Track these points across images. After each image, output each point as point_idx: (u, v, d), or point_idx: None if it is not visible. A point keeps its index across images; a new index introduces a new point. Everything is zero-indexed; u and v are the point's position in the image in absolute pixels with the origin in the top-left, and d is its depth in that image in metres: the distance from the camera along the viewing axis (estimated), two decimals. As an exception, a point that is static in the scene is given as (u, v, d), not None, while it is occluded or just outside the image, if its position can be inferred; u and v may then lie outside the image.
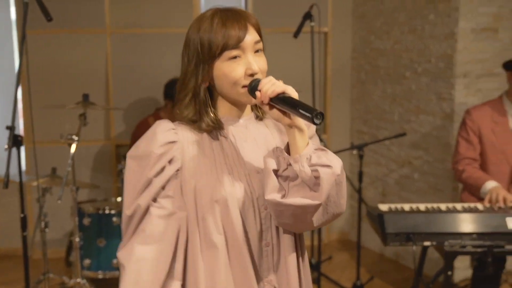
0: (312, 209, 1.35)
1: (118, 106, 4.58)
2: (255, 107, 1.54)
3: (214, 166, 1.44)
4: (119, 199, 3.81)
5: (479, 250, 2.67)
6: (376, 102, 4.78)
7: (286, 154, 1.37)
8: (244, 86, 1.41)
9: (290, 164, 1.36)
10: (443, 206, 2.91)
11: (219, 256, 1.42)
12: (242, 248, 1.42)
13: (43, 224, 3.35)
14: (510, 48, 4.08)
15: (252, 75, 1.41)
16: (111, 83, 4.59)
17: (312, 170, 1.34)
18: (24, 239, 2.70)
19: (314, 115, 1.27)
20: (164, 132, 1.44)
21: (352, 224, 5.15)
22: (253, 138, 1.50)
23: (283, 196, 1.37)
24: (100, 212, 3.57)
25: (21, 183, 2.70)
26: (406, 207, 2.90)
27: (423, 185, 4.33)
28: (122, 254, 1.43)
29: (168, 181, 1.42)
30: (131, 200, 1.44)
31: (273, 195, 1.37)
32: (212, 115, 1.47)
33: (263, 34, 1.49)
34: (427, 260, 3.79)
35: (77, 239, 3.32)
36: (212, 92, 1.49)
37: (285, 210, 1.37)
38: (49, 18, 2.91)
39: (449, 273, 2.72)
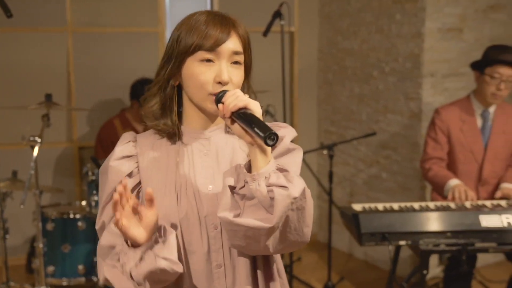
0: (264, 232, 1.25)
1: (81, 107, 4.44)
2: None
3: (163, 182, 1.37)
4: (83, 202, 3.68)
5: (453, 248, 2.67)
6: (344, 102, 4.78)
7: (245, 171, 1.28)
8: (211, 94, 1.33)
9: (247, 182, 1.27)
10: (416, 205, 2.91)
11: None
12: (182, 272, 1.34)
13: (2, 230, 3.20)
14: (475, 48, 4.13)
15: (220, 83, 1.33)
16: (73, 83, 4.45)
17: (268, 190, 1.23)
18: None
19: (267, 135, 1.19)
20: (122, 145, 1.42)
21: (320, 225, 5.13)
22: (215, 151, 1.42)
23: (237, 216, 1.26)
24: (65, 216, 3.44)
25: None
26: (380, 206, 2.88)
27: (392, 185, 4.35)
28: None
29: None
30: (99, 214, 1.42)
31: (225, 213, 1.27)
32: (174, 116, 1.40)
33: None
34: (400, 259, 3.80)
35: (40, 245, 3.17)
36: (181, 94, 1.42)
37: (237, 231, 1.27)
38: (9, 14, 2.78)
39: (425, 272, 2.71)
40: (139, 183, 1.39)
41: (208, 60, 1.33)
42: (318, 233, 5.17)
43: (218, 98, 1.31)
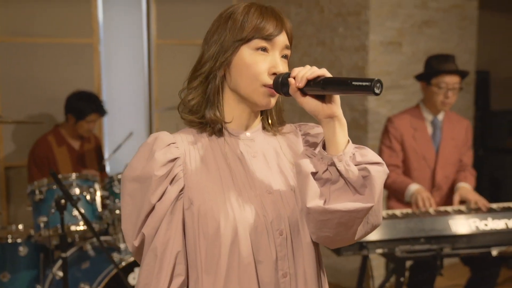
0: (363, 213, 1.19)
1: (6, 124, 4.07)
2: (265, 119, 1.37)
3: (220, 186, 1.25)
4: (20, 226, 3.33)
5: (428, 254, 2.69)
6: (286, 115, 4.74)
7: (326, 153, 1.20)
8: (265, 85, 1.25)
9: (331, 165, 1.19)
10: (383, 213, 2.90)
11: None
12: (251, 282, 1.23)
13: None
14: (412, 61, 4.27)
15: (275, 75, 1.25)
16: (0, 97, 4.08)
17: (359, 169, 1.18)
18: None
19: (374, 83, 1.10)
20: (162, 148, 1.25)
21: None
22: (262, 153, 1.33)
23: (325, 203, 1.20)
24: (3, 241, 3.09)
25: None
26: (349, 216, 2.84)
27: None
28: None
29: (171, 205, 1.23)
30: (135, 229, 1.26)
31: (316, 202, 1.19)
32: (221, 108, 1.29)
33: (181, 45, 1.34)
34: (347, 271, 3.80)
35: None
36: (223, 89, 1.31)
37: (330, 219, 1.20)
38: None
39: (402, 279, 2.70)
40: (183, 188, 1.25)
41: (263, 49, 1.26)
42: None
43: (281, 81, 1.22)
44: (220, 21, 1.29)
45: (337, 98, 1.19)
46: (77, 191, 2.94)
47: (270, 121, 1.37)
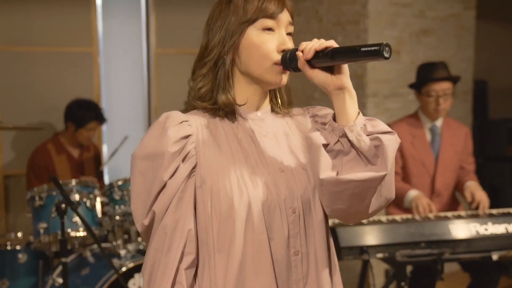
0: (377, 183, 1.19)
1: (5, 132, 4.08)
2: (274, 102, 1.38)
3: (232, 164, 1.25)
4: (19, 233, 3.32)
5: (429, 258, 2.68)
6: None
7: (337, 125, 1.21)
8: (275, 63, 1.26)
9: (342, 136, 1.20)
10: (383, 218, 2.91)
11: (233, 266, 1.22)
12: (265, 258, 1.23)
13: None
14: (411, 70, 4.28)
15: (284, 52, 1.26)
16: (-2, 106, 4.09)
17: (370, 139, 1.18)
18: None
19: (382, 47, 1.11)
20: (175, 125, 1.25)
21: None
22: (272, 133, 1.33)
23: (338, 174, 1.20)
24: (2, 248, 3.08)
25: None
26: (349, 221, 2.84)
27: (337, 205, 4.35)
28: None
29: (183, 182, 1.22)
30: (145, 207, 1.24)
31: (329, 173, 1.19)
32: (232, 93, 1.29)
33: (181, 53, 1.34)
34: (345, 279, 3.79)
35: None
36: (233, 72, 1.31)
37: (344, 190, 1.20)
38: None
39: (403, 283, 2.69)
40: (195, 166, 1.24)
41: (269, 29, 1.27)
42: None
43: (290, 56, 1.24)
44: (221, 6, 1.30)
45: (346, 69, 1.20)
46: (77, 197, 2.94)
47: (280, 102, 1.37)
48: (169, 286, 1.20)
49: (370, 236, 2.68)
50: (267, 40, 1.26)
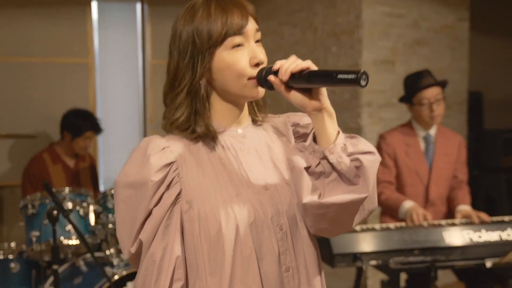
0: (358, 204, 1.20)
1: (1, 142, 4.08)
2: (252, 111, 1.36)
3: (218, 186, 1.24)
4: (13, 243, 3.30)
5: (422, 265, 2.67)
6: (270, 109, 4.76)
7: (317, 147, 1.21)
8: (250, 78, 1.24)
9: (322, 158, 1.20)
10: (376, 226, 2.90)
11: None
12: (253, 279, 1.22)
13: None
14: (406, 80, 4.31)
15: (257, 65, 1.24)
16: (-6, 117, 4.10)
17: (351, 160, 1.18)
18: None
19: (360, 75, 1.10)
20: (157, 152, 1.23)
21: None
22: (254, 148, 1.32)
23: (320, 196, 1.21)
24: (-6, 258, 3.06)
25: None
26: (343, 229, 2.84)
27: (333, 215, 4.34)
28: None
29: (168, 209, 1.22)
30: (131, 235, 1.23)
31: (311, 197, 1.20)
32: (208, 119, 1.27)
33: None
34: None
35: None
36: (208, 95, 1.29)
37: (327, 212, 1.21)
38: None
39: (396, 291, 2.68)
40: (180, 192, 1.23)
41: (239, 45, 1.24)
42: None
43: (265, 74, 1.22)
44: (184, 26, 1.26)
45: (323, 89, 1.20)
46: (70, 205, 2.93)
47: (256, 108, 1.36)
48: None
49: (364, 243, 2.68)
50: (238, 58, 1.23)
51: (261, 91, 1.27)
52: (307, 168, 1.22)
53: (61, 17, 4.26)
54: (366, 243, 2.68)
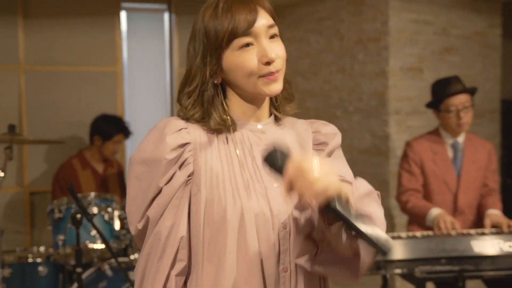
0: (346, 279, 1.24)
1: (33, 150, 4.16)
2: (275, 110, 1.35)
3: (228, 176, 1.24)
4: (42, 248, 3.37)
5: (450, 275, 2.61)
6: None
7: (323, 225, 1.19)
8: (261, 76, 1.23)
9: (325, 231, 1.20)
10: (402, 234, 2.85)
11: (225, 277, 1.21)
12: (256, 271, 1.21)
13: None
14: (434, 88, 4.24)
15: (268, 63, 1.23)
16: (26, 124, 4.18)
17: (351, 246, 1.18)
18: None
19: (383, 250, 1.06)
20: (174, 132, 1.24)
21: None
22: None
23: (315, 255, 1.25)
24: (23, 261, 3.12)
25: None
26: (367, 236, 2.80)
27: (360, 224, 4.29)
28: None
29: (178, 189, 1.23)
30: (140, 211, 1.24)
31: (303, 262, 1.23)
32: (223, 113, 1.27)
33: None
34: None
35: (-1, 292, 2.85)
36: (225, 90, 1.30)
37: (317, 273, 1.27)
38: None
39: (422, 300, 2.63)
40: (192, 173, 1.24)
41: (247, 45, 1.23)
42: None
43: (272, 161, 1.15)
44: (196, 29, 1.27)
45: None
46: (95, 210, 2.97)
47: (279, 109, 1.34)
48: None
49: (388, 251, 2.63)
50: (247, 58, 1.23)
51: (275, 87, 1.25)
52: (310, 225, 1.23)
53: (91, 27, 4.33)
54: (391, 251, 2.63)
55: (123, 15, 4.49)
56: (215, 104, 1.27)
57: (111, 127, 3.77)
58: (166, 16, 4.65)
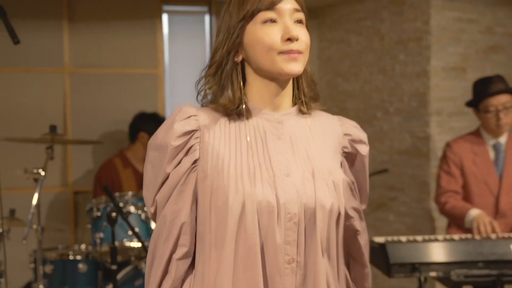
0: None
1: (77, 150, 4.28)
2: (299, 101, 1.34)
3: (233, 162, 1.24)
4: (83, 246, 3.46)
5: (488, 279, 2.54)
6: None
7: None
8: (281, 52, 1.23)
9: None
10: (440, 237, 2.79)
11: (224, 265, 1.22)
12: (255, 261, 1.21)
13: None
14: (478, 88, 4.13)
15: (290, 40, 1.23)
16: (70, 126, 4.30)
17: None
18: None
19: None
20: (182, 119, 1.27)
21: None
22: (289, 137, 1.30)
23: None
24: (64, 258, 3.21)
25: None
26: (403, 238, 2.75)
27: (400, 226, 4.22)
28: None
29: (184, 175, 1.25)
30: (151, 195, 1.29)
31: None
32: (237, 89, 1.28)
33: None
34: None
35: (41, 287, 2.94)
36: (245, 75, 1.31)
37: None
38: (16, 40, 2.66)
39: (458, 305, 2.56)
40: (197, 160, 1.26)
41: (271, 21, 1.25)
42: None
43: None
44: (225, 7, 1.31)
45: None
46: (132, 209, 3.03)
47: (303, 98, 1.34)
48: (161, 274, 1.24)
49: (424, 253, 2.58)
50: (269, 31, 1.24)
51: (296, 67, 1.25)
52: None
53: (133, 30, 4.43)
54: (426, 254, 2.58)
55: (164, 18, 4.57)
56: (232, 80, 1.28)
57: (156, 123, 3.85)
58: (206, 18, 4.70)
